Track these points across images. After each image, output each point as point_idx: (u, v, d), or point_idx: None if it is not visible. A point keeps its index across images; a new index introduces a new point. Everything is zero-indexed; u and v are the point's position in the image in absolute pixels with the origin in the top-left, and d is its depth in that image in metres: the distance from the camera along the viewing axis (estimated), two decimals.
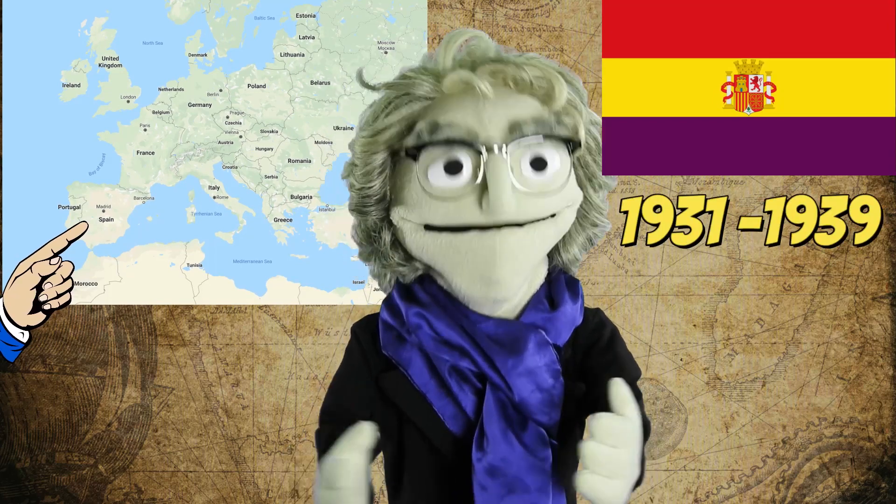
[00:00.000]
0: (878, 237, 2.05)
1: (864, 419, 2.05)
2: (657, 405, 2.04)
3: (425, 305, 1.01)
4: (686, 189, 2.04)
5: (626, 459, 0.87)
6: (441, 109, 0.98)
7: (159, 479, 2.02)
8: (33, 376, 2.00)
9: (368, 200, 1.02)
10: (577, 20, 2.04)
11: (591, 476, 0.85)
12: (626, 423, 0.87)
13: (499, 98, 0.97)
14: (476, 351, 0.98)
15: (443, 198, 0.96)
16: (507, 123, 0.96)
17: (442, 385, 0.99)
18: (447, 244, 0.97)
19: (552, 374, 0.98)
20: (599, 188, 1.05)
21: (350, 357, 1.08)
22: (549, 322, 1.00)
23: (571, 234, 1.04)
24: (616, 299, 2.04)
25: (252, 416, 2.02)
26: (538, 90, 0.98)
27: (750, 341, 2.05)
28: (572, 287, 1.05)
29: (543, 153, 0.97)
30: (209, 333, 2.02)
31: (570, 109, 0.99)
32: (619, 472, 0.86)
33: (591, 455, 0.85)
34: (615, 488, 0.86)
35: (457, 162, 0.95)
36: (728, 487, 2.04)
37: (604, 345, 1.05)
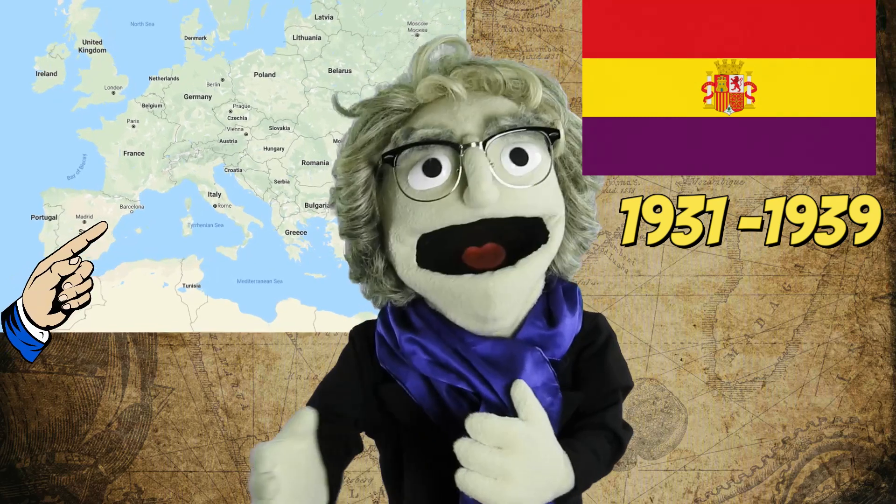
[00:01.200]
0: (878, 237, 2.05)
1: (864, 419, 2.05)
2: (657, 405, 2.04)
3: (419, 331, 1.00)
4: (686, 189, 2.04)
5: (515, 462, 0.85)
6: (416, 117, 0.98)
7: (159, 479, 2.02)
8: (33, 376, 2.00)
9: (357, 223, 1.01)
10: (577, 20, 2.04)
11: (467, 475, 0.85)
12: (513, 425, 0.86)
13: (473, 98, 0.97)
14: (472, 374, 0.97)
15: (425, 200, 0.95)
16: (483, 118, 0.95)
17: (438, 401, 0.99)
18: (440, 286, 0.97)
19: (550, 392, 0.97)
20: (584, 189, 1.04)
21: (344, 361, 1.08)
22: (548, 340, 1.00)
23: (562, 242, 1.03)
24: (616, 299, 2.04)
25: (252, 416, 2.02)
26: (513, 91, 0.98)
27: (750, 341, 2.05)
28: (570, 297, 1.04)
29: (523, 146, 0.96)
30: (209, 333, 2.02)
31: (546, 108, 0.99)
32: (507, 475, 0.85)
33: (461, 453, 0.85)
34: (501, 490, 0.85)
35: (435, 161, 0.95)
36: (728, 487, 2.04)
37: (594, 351, 1.04)
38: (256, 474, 0.85)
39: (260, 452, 0.85)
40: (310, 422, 0.91)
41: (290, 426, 0.90)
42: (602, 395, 1.02)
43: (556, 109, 0.99)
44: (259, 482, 0.84)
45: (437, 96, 0.98)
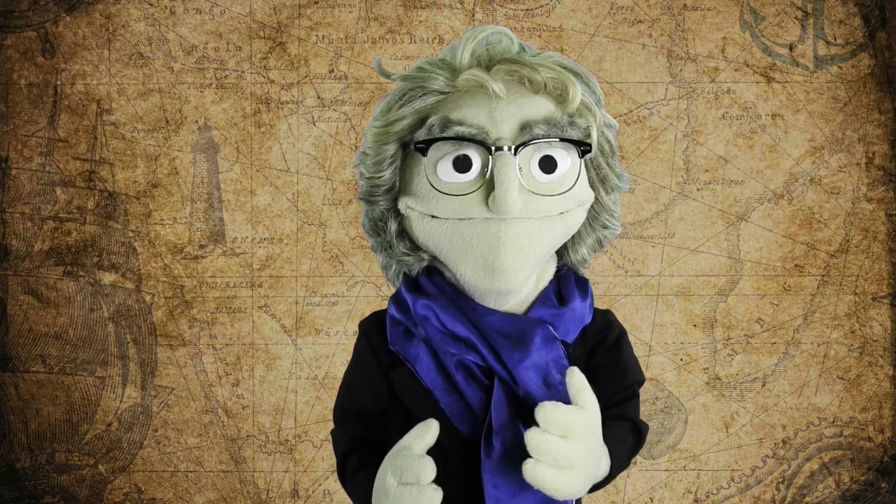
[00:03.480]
0: (878, 237, 2.05)
1: (864, 419, 2.05)
2: (657, 405, 2.04)
3: (432, 296, 1.01)
4: (686, 189, 2.04)
5: (578, 451, 0.86)
6: (454, 105, 0.98)
7: (159, 479, 2.02)
8: (33, 376, 2.00)
9: (377, 190, 1.02)
10: (577, 20, 2.04)
11: (535, 465, 0.85)
12: (578, 414, 0.87)
13: (512, 97, 0.97)
14: (482, 343, 0.97)
15: (450, 193, 0.96)
16: (519, 123, 0.96)
17: (449, 381, 0.99)
18: (452, 231, 0.97)
19: (559, 369, 0.97)
20: (611, 191, 1.05)
21: (360, 353, 1.08)
22: (558, 318, 1.00)
23: (581, 234, 1.05)
24: (616, 299, 2.04)
25: (252, 416, 2.02)
26: (552, 91, 0.98)
27: (750, 341, 2.05)
28: (582, 285, 1.05)
29: (553, 154, 0.97)
30: (209, 333, 2.02)
31: (583, 111, 0.99)
32: (570, 464, 0.86)
33: (533, 443, 0.85)
34: (569, 480, 0.86)
35: (466, 158, 0.96)
36: (728, 487, 2.04)
37: (609, 345, 1.05)
38: (419, 485, 0.89)
39: (416, 463, 0.90)
40: (436, 433, 0.94)
41: (423, 436, 0.93)
42: (622, 388, 1.04)
43: (591, 113, 0.99)
44: (421, 492, 0.89)
45: (477, 86, 0.98)
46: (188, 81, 2.03)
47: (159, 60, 2.03)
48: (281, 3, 2.04)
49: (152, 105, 2.03)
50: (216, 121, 2.03)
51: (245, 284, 2.03)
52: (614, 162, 1.05)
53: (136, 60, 2.03)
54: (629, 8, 2.04)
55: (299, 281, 2.03)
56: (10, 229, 2.01)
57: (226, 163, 2.03)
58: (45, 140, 2.02)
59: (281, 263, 2.04)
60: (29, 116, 2.02)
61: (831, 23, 2.05)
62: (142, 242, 2.03)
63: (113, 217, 2.03)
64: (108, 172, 2.02)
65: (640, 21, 2.04)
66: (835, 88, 2.05)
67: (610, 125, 1.04)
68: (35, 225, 2.02)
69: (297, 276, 2.04)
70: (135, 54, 2.02)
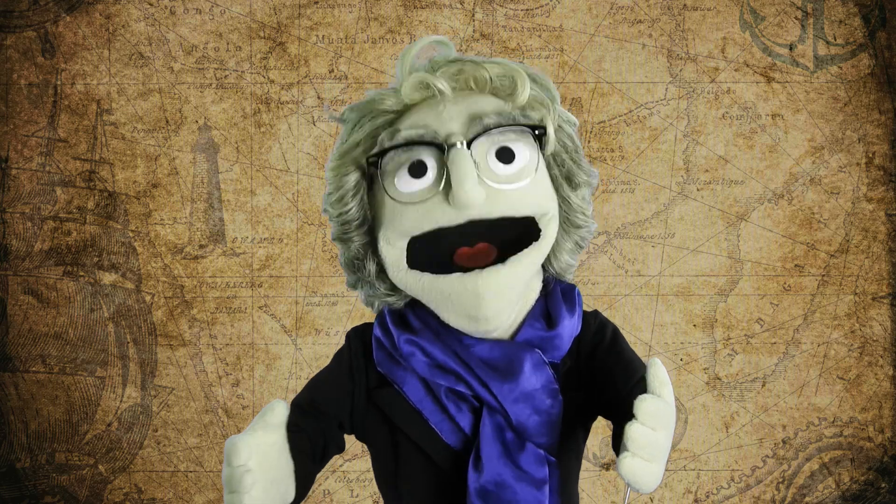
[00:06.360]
0: (878, 237, 2.05)
1: (864, 419, 2.05)
2: None
3: (417, 332, 0.99)
4: (686, 189, 2.04)
5: (664, 443, 0.86)
6: (403, 118, 0.98)
7: (159, 479, 2.02)
8: (33, 376, 2.00)
9: (348, 227, 1.00)
10: (577, 20, 2.04)
11: (633, 459, 0.84)
12: (666, 406, 0.85)
13: (459, 97, 0.96)
14: (471, 376, 0.96)
15: (412, 202, 0.94)
16: (468, 117, 0.94)
17: (438, 403, 0.98)
18: (430, 286, 0.95)
19: (550, 394, 0.97)
20: (578, 187, 1.02)
21: (336, 363, 1.07)
22: (547, 342, 0.99)
23: (558, 241, 1.02)
24: (616, 299, 2.04)
25: (252, 416, 2.02)
26: (501, 88, 0.97)
27: (750, 341, 2.05)
28: (569, 298, 1.03)
29: (510, 145, 0.95)
30: (209, 333, 2.02)
31: (535, 105, 0.97)
32: (657, 456, 0.85)
33: (635, 437, 0.83)
34: (653, 472, 0.85)
35: (421, 163, 0.94)
36: (728, 487, 2.04)
37: (608, 344, 1.04)
38: (231, 467, 0.85)
39: (234, 444, 0.85)
40: (281, 414, 0.91)
41: (262, 418, 0.90)
42: (635, 383, 1.02)
43: (545, 106, 0.97)
44: (234, 475, 0.84)
45: (424, 96, 0.97)
46: (188, 81, 2.03)
47: (159, 60, 2.03)
48: (281, 3, 2.04)
49: (152, 105, 2.03)
50: (216, 121, 2.03)
51: (245, 284, 2.03)
52: (579, 157, 1.02)
53: (136, 60, 2.03)
54: (629, 8, 2.04)
55: (299, 281, 2.03)
56: (10, 229, 2.01)
57: (226, 163, 2.03)
58: (45, 140, 2.02)
59: (281, 263, 2.04)
60: (29, 116, 2.02)
61: (831, 23, 2.05)
62: (142, 242, 2.03)
63: (113, 217, 2.03)
64: (108, 172, 2.02)
65: (640, 21, 2.04)
66: (835, 88, 2.05)
67: (568, 121, 1.02)
68: (35, 225, 2.02)
69: (297, 276, 2.04)
70: (135, 54, 2.03)
